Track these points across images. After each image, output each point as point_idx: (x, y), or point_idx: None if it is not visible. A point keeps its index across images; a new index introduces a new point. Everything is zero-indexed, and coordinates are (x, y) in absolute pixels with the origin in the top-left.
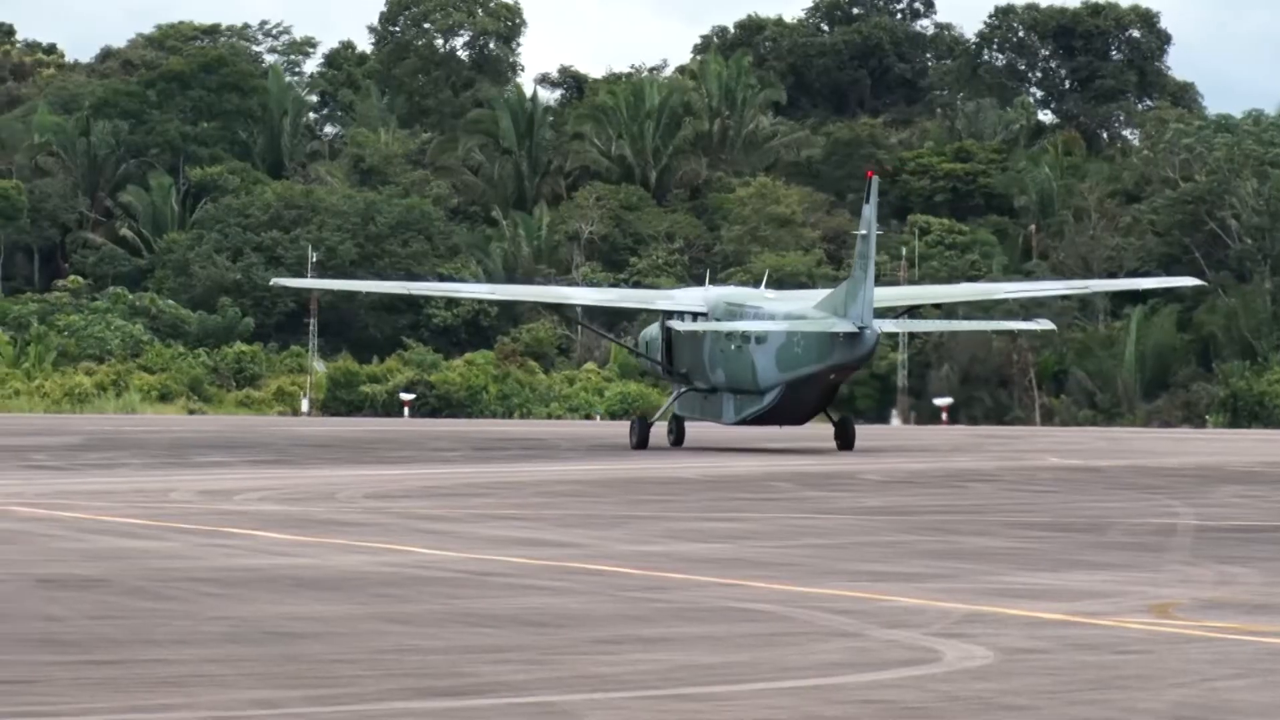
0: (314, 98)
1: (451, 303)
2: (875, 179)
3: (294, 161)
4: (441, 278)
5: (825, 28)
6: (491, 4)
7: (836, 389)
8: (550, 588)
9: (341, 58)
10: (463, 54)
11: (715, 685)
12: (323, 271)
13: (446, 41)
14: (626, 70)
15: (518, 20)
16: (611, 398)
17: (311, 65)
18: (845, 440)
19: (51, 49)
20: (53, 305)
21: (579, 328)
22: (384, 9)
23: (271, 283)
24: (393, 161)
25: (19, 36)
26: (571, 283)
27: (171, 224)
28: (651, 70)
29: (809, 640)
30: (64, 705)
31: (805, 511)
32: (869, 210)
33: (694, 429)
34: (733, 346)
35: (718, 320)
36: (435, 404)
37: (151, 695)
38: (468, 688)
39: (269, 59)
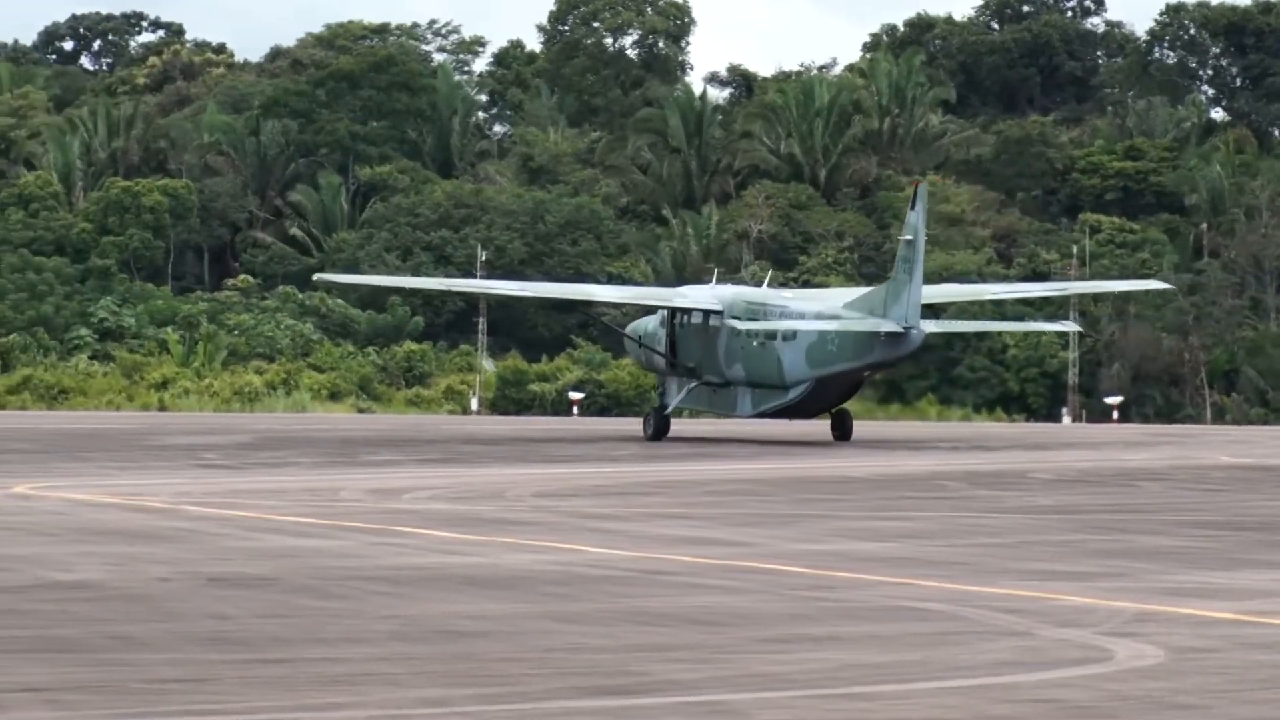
0: (483, 97)
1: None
2: (923, 186)
3: (463, 161)
4: (610, 277)
5: (995, 26)
6: (661, 3)
7: (860, 385)
8: (719, 586)
9: (510, 57)
10: (632, 53)
11: (884, 684)
12: (491, 271)
13: (615, 40)
14: (795, 69)
15: (687, 19)
16: None
17: (480, 64)
18: (842, 432)
19: (221, 49)
20: (222, 304)
21: None
22: (553, 8)
23: (315, 278)
24: (562, 160)
25: (188, 36)
26: (741, 281)
27: (341, 223)
28: (821, 69)
29: (979, 639)
30: (234, 704)
31: (975, 510)
32: (914, 216)
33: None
34: (755, 343)
35: (735, 318)
36: (604, 403)
37: (321, 694)
38: (636, 686)
39: (438, 58)
